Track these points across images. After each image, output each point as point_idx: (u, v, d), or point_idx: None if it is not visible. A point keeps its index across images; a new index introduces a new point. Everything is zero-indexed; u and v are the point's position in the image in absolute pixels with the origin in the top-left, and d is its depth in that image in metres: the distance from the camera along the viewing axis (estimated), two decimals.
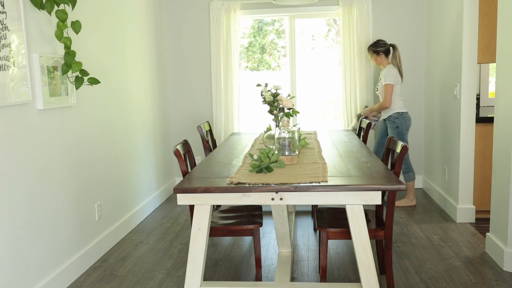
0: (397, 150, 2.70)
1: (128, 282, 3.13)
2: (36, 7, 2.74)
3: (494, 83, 4.48)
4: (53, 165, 2.99)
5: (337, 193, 2.20)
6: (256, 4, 5.28)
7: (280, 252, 3.42)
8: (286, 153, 2.67)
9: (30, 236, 2.73)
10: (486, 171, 4.08)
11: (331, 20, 5.65)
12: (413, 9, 5.18)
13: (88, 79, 3.12)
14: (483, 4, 3.90)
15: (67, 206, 3.15)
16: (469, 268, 3.19)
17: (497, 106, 3.27)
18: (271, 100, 2.96)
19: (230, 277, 3.17)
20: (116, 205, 3.93)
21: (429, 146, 5.10)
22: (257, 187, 2.18)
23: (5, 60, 2.48)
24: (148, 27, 4.85)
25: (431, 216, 4.33)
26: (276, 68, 5.75)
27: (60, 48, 3.04)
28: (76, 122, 3.29)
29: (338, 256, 3.46)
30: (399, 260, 3.33)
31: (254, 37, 5.79)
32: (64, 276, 3.06)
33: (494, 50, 3.76)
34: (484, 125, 4.08)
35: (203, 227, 2.31)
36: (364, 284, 2.26)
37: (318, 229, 2.77)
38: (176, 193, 2.24)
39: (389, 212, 2.68)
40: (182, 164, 2.69)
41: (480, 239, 3.69)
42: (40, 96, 2.81)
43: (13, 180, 2.59)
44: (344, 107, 5.26)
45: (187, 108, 5.55)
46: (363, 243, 2.25)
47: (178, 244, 3.81)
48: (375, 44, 4.59)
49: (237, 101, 5.36)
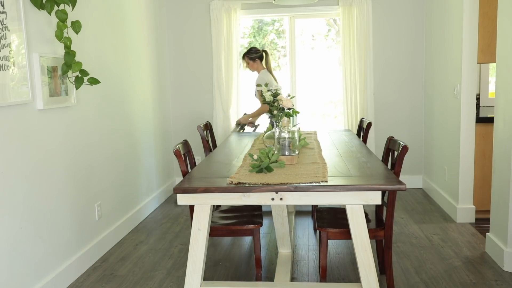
0: (397, 150, 2.70)
1: (128, 282, 3.13)
2: (36, 7, 2.74)
3: (494, 83, 4.48)
4: (53, 165, 2.99)
5: (337, 193, 2.20)
6: (256, 4, 5.28)
7: (280, 252, 3.42)
8: (286, 153, 2.67)
9: (30, 236, 2.73)
10: (486, 171, 4.08)
11: (331, 20, 5.65)
12: (413, 9, 5.19)
13: (88, 79, 3.12)
14: (483, 4, 3.90)
15: (67, 206, 3.15)
16: (469, 268, 3.19)
17: (497, 106, 3.27)
18: (271, 100, 2.97)
19: (230, 277, 3.17)
20: (116, 205, 3.93)
21: (429, 146, 5.10)
22: (257, 187, 2.18)
23: (5, 60, 2.48)
24: (148, 27, 4.85)
25: (431, 216, 4.33)
26: (276, 68, 5.75)
27: (60, 48, 3.04)
28: (76, 122, 3.29)
29: (338, 256, 3.46)
30: (399, 260, 3.33)
31: (254, 37, 5.79)
32: (64, 276, 3.06)
33: (494, 50, 3.76)
34: (484, 125, 4.08)
35: (203, 227, 2.31)
36: (364, 284, 2.26)
37: (318, 229, 2.76)
38: (176, 193, 2.24)
39: (389, 212, 2.68)
40: (182, 164, 2.69)
41: (480, 239, 3.69)
42: (40, 96, 2.81)
43: (13, 180, 2.59)
44: (344, 107, 5.27)
45: (187, 108, 5.55)
46: (363, 243, 2.25)
47: (178, 244, 3.81)
48: (250, 52, 4.72)
49: (238, 101, 5.36)
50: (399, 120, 5.34)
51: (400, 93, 5.31)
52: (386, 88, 5.31)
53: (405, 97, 5.32)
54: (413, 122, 5.35)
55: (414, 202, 4.80)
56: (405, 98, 5.32)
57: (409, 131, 5.35)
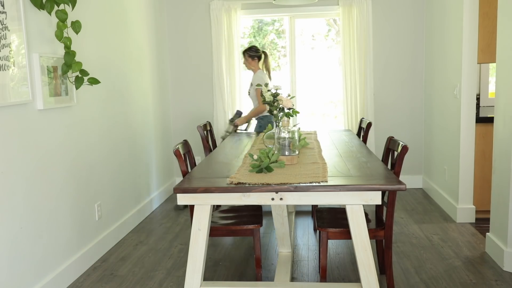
0: (397, 150, 2.70)
1: (128, 282, 3.13)
2: (36, 7, 2.74)
3: (494, 83, 4.48)
4: (53, 165, 2.99)
5: (337, 193, 2.20)
6: (256, 4, 5.28)
7: (280, 252, 3.42)
8: (286, 153, 2.67)
9: (30, 236, 2.73)
10: (486, 171, 4.08)
11: (331, 20, 5.65)
12: (413, 9, 5.19)
13: (88, 79, 3.12)
14: (483, 4, 3.90)
15: (67, 206, 3.15)
16: (469, 268, 3.19)
17: (497, 106, 3.27)
18: (271, 100, 2.96)
19: (230, 277, 3.17)
20: (116, 205, 3.93)
21: (429, 146, 5.10)
22: (257, 187, 2.18)
23: (5, 60, 2.48)
24: (149, 27, 4.85)
25: (431, 216, 4.33)
26: (276, 68, 5.75)
27: (60, 48, 3.04)
28: (76, 122, 3.29)
29: (338, 256, 3.46)
30: (399, 260, 3.33)
31: (254, 37, 5.79)
32: (64, 276, 3.06)
33: (494, 50, 3.76)
34: (484, 125, 4.08)
35: (203, 227, 2.31)
36: (364, 284, 2.26)
37: (318, 229, 2.76)
38: (176, 193, 2.24)
39: (389, 212, 2.68)
40: (182, 164, 2.69)
41: (480, 239, 3.69)
42: (40, 96, 2.80)
43: (13, 180, 2.59)
44: (344, 107, 5.27)
45: (187, 108, 5.55)
46: (363, 243, 2.25)
47: (178, 244, 3.81)
48: (250, 49, 4.71)
49: (238, 101, 5.36)
50: (399, 120, 5.34)
51: (400, 93, 5.31)
52: (386, 88, 5.31)
53: (405, 97, 5.32)
54: (413, 122, 5.35)
55: (414, 202, 4.81)
56: (405, 98, 5.32)
57: (409, 131, 5.35)
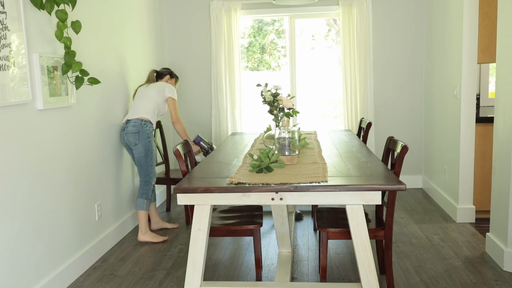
0: (397, 150, 2.70)
1: (128, 282, 3.13)
2: (36, 7, 2.74)
3: (494, 83, 4.48)
4: (53, 165, 2.99)
5: (337, 193, 2.20)
6: (256, 4, 5.28)
7: (280, 252, 3.42)
8: (286, 153, 2.67)
9: (30, 236, 2.73)
10: (486, 171, 4.08)
11: (331, 20, 5.65)
12: (413, 9, 5.19)
13: (88, 79, 3.12)
14: (483, 4, 3.90)
15: (67, 206, 3.15)
16: (469, 268, 3.19)
17: (497, 106, 3.27)
18: (271, 100, 2.96)
19: (230, 277, 3.17)
20: (116, 205, 3.93)
21: (429, 146, 5.10)
22: (257, 187, 2.18)
23: (5, 60, 2.48)
24: (148, 27, 4.85)
25: (431, 216, 4.33)
26: (276, 68, 5.75)
27: (60, 48, 3.04)
28: (76, 122, 3.29)
29: (338, 256, 3.46)
30: (399, 260, 3.33)
31: (254, 37, 5.79)
32: (64, 276, 3.06)
33: (494, 50, 3.76)
34: (484, 125, 4.08)
35: (203, 227, 2.31)
36: (364, 284, 2.26)
37: (318, 229, 2.76)
38: (176, 193, 2.24)
39: (389, 212, 2.68)
40: (182, 164, 2.70)
41: (480, 239, 3.69)
42: (40, 96, 2.80)
43: (13, 180, 2.58)
44: (344, 107, 5.27)
45: (186, 108, 5.54)
46: (363, 243, 2.25)
47: (178, 244, 3.81)
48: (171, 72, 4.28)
49: (238, 101, 5.36)
50: (399, 120, 5.34)
51: (400, 93, 5.31)
52: (386, 88, 5.31)
53: (405, 97, 5.32)
54: (413, 122, 5.35)
55: (414, 202, 4.80)
56: (405, 98, 5.32)
57: (409, 131, 5.35)
